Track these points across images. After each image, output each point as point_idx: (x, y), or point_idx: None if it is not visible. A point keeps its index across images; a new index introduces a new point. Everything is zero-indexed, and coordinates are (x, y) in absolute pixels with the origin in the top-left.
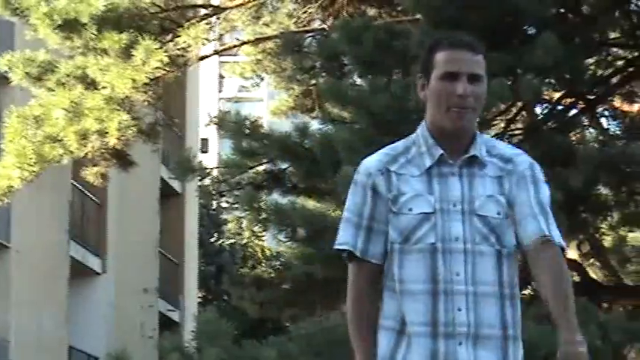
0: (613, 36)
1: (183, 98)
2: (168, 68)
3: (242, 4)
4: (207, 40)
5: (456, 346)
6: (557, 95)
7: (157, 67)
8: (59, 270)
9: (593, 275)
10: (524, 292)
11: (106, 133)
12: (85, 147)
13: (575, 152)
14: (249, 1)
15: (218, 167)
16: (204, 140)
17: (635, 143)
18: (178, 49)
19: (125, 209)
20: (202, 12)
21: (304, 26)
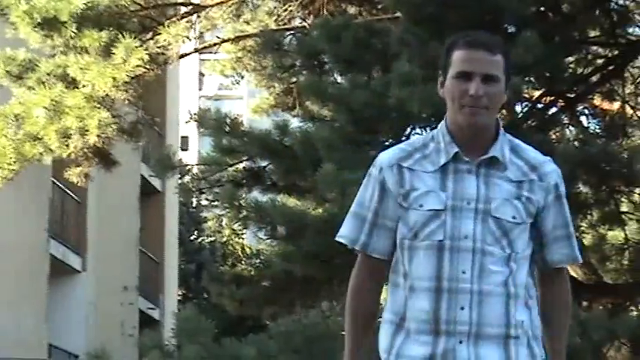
0: (593, 34)
1: (164, 96)
2: (148, 66)
3: (222, 2)
4: (188, 38)
5: (457, 344)
6: (537, 93)
7: (137, 66)
8: (39, 268)
9: (573, 273)
10: None
11: (87, 131)
12: (65, 146)
13: (555, 150)
14: (230, 0)
15: (198, 165)
16: (184, 138)
17: (615, 142)
18: (159, 47)
19: (105, 207)
20: (183, 10)
21: (284, 24)
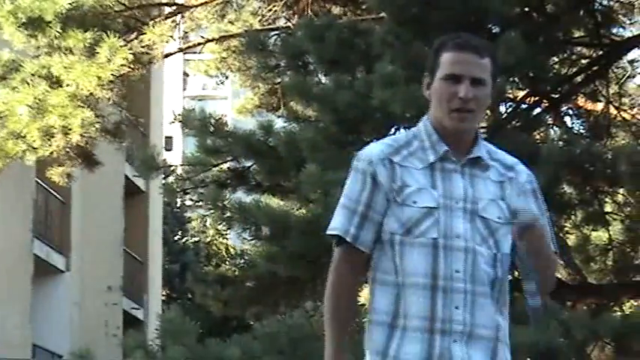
0: (577, 35)
1: (148, 96)
2: (132, 66)
3: (207, 3)
4: (172, 37)
5: (451, 343)
6: (521, 94)
7: (121, 65)
8: (23, 268)
9: (556, 274)
10: None
11: (70, 130)
12: (49, 144)
13: (539, 151)
14: (214, 0)
15: (182, 165)
16: (168, 138)
17: (599, 142)
18: (143, 47)
19: (89, 207)
20: (167, 10)
21: (269, 24)
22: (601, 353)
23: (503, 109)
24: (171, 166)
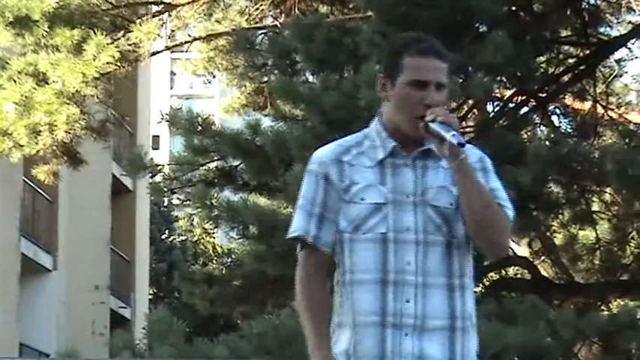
0: (564, 34)
1: (135, 95)
2: (119, 63)
3: (194, 1)
4: (159, 36)
5: (402, 337)
6: (508, 93)
7: (107, 62)
8: (10, 267)
9: (544, 273)
10: (475, 290)
11: (55, 127)
12: (35, 142)
13: (527, 150)
14: None
15: (169, 164)
16: (155, 137)
17: (587, 141)
18: (130, 45)
19: (76, 206)
20: (154, 9)
21: (256, 23)
22: (588, 352)
23: (490, 108)
24: (159, 165)
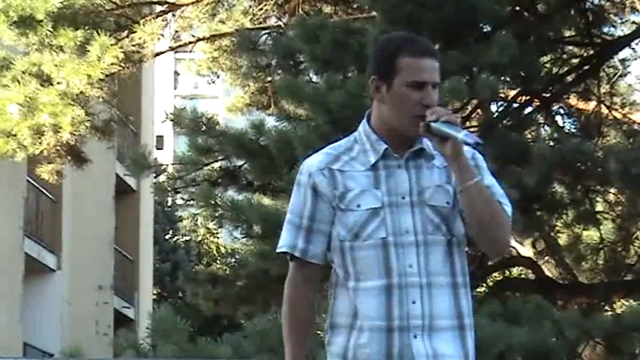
0: (568, 34)
1: (139, 95)
2: (123, 64)
3: (198, 1)
4: (163, 36)
5: (411, 339)
6: (512, 93)
7: (112, 63)
8: (14, 266)
9: (548, 273)
10: (478, 290)
11: (60, 128)
12: (39, 143)
13: (531, 150)
14: None
15: (173, 164)
16: (159, 137)
17: (590, 141)
18: (134, 45)
19: (80, 206)
20: (158, 9)
21: (260, 23)
22: (592, 353)
23: (494, 108)
24: (163, 165)
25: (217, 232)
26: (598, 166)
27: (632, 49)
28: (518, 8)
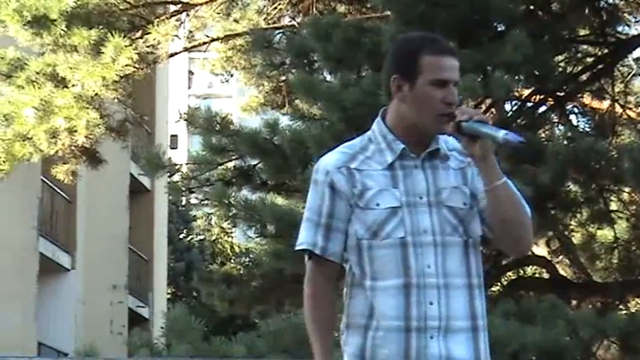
0: (583, 33)
1: (153, 95)
2: (137, 65)
3: (212, 1)
4: (177, 36)
5: (428, 340)
6: (526, 92)
7: (126, 65)
8: (28, 266)
9: (562, 272)
10: (492, 289)
11: (75, 131)
12: (54, 145)
13: (545, 149)
14: None
15: (187, 164)
16: (173, 137)
17: (605, 140)
18: (148, 47)
19: (94, 206)
20: (172, 9)
21: (274, 23)
22: (606, 352)
23: (508, 107)
24: (177, 164)
25: (231, 232)
26: (612, 165)
27: None
28: (532, 7)
